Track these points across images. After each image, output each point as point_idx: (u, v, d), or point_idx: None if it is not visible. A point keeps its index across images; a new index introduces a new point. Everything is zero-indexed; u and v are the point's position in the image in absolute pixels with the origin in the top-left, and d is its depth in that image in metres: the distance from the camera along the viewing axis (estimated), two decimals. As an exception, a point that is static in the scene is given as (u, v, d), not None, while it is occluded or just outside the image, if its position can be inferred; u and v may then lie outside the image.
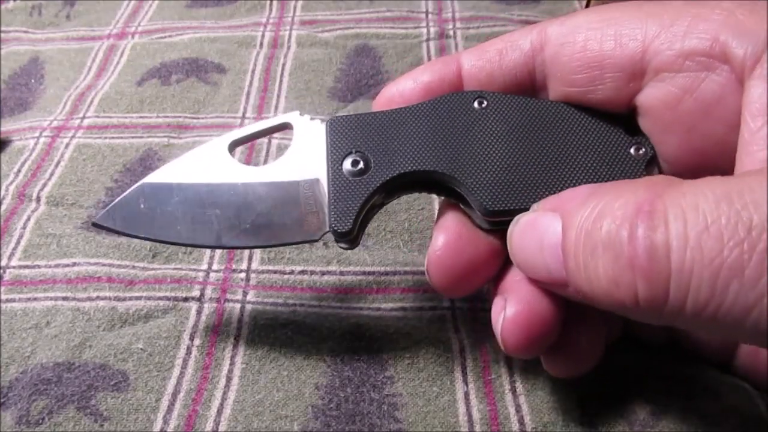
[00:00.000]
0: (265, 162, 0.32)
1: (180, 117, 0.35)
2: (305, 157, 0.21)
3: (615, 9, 0.19)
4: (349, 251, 0.28)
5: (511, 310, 0.19)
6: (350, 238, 0.21)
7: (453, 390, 0.24)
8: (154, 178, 0.22)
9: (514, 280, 0.20)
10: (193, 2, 0.44)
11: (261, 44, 0.40)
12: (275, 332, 0.25)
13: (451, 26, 0.40)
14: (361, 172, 0.20)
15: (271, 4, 0.43)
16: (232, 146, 0.23)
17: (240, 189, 0.22)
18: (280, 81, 0.37)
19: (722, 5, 0.17)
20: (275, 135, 0.33)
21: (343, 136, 0.21)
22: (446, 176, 0.20)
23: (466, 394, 0.24)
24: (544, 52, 0.20)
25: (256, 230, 0.21)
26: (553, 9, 0.41)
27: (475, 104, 0.21)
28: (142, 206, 0.22)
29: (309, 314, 0.26)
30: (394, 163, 0.20)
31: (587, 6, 0.39)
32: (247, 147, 0.33)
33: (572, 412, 0.23)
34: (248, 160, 0.32)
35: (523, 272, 0.19)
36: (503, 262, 0.21)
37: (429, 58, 0.38)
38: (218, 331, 0.26)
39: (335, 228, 0.20)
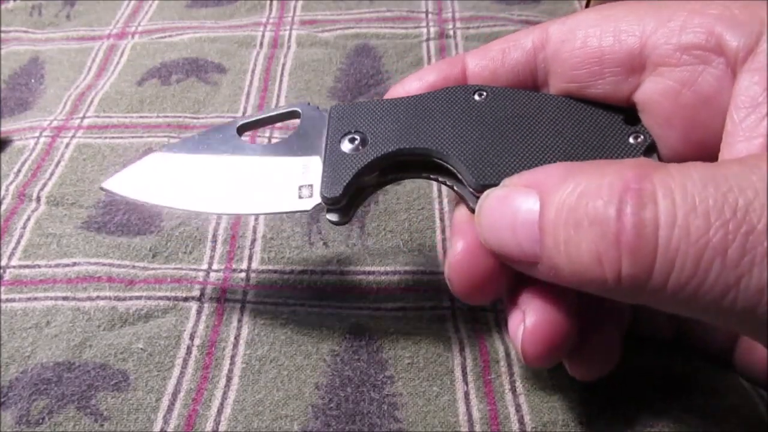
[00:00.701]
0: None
1: (180, 117, 0.35)
2: (307, 139, 0.22)
3: (614, 7, 0.20)
4: (350, 252, 0.28)
5: (530, 320, 0.19)
6: (339, 206, 0.21)
7: (453, 390, 0.24)
8: (163, 150, 0.24)
9: (529, 290, 0.20)
10: (193, 2, 0.44)
11: (261, 44, 0.40)
12: (275, 332, 0.25)
13: (451, 26, 0.40)
14: (357, 149, 0.21)
15: (271, 4, 0.43)
16: (241, 130, 0.24)
17: (241, 161, 0.23)
18: (280, 81, 0.37)
19: (718, 1, 0.18)
20: (275, 135, 0.34)
21: (343, 119, 0.22)
22: (440, 154, 0.20)
23: (466, 394, 0.24)
24: (545, 50, 0.21)
25: (251, 198, 0.22)
26: (553, 9, 0.41)
27: (476, 96, 0.21)
28: (149, 174, 0.23)
29: (309, 314, 0.26)
30: (390, 141, 0.21)
31: (587, 6, 0.39)
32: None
33: (572, 411, 0.23)
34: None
35: (490, 248, 0.19)
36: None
37: (429, 58, 0.38)
38: (218, 330, 0.26)
39: (324, 194, 0.21)
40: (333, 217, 0.22)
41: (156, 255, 0.28)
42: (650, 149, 0.19)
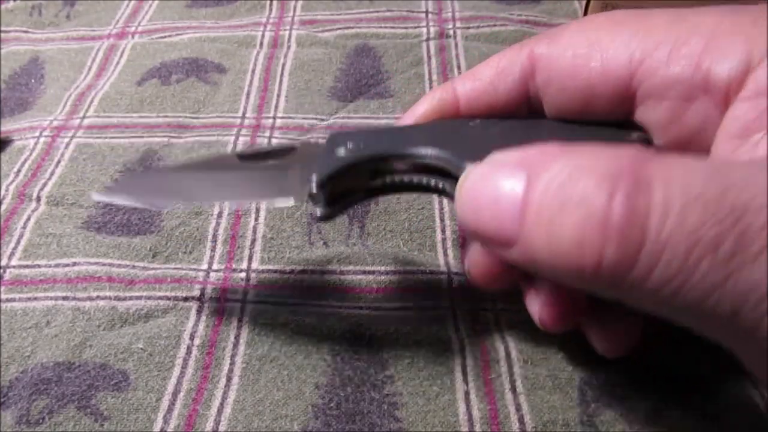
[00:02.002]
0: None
1: (180, 117, 0.35)
2: (303, 158, 0.23)
3: (600, 28, 0.19)
4: (350, 252, 0.28)
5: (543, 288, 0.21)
6: (323, 199, 0.21)
7: (453, 389, 0.24)
8: (161, 165, 0.25)
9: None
10: (193, 2, 0.44)
11: (261, 44, 0.40)
12: (275, 332, 0.25)
13: (451, 26, 0.40)
14: (350, 152, 0.22)
15: (271, 4, 0.43)
16: (241, 157, 0.25)
17: (239, 172, 0.24)
18: (280, 81, 0.37)
19: (705, 23, 0.17)
20: (275, 134, 0.34)
21: (341, 137, 0.22)
22: (429, 155, 0.21)
23: (466, 394, 0.24)
24: (535, 79, 0.20)
25: (242, 192, 0.23)
26: (553, 9, 0.41)
27: (470, 123, 0.22)
28: (146, 182, 0.24)
29: (309, 314, 0.26)
30: (382, 147, 0.21)
31: (587, 6, 0.39)
32: (249, 144, 0.33)
33: (572, 411, 0.23)
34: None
35: (466, 227, 0.18)
36: None
37: (429, 58, 0.38)
38: (218, 330, 0.26)
39: (313, 179, 0.21)
40: (318, 210, 0.22)
41: (156, 255, 0.28)
42: (647, 143, 0.20)
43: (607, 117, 0.20)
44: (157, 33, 0.41)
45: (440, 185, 0.21)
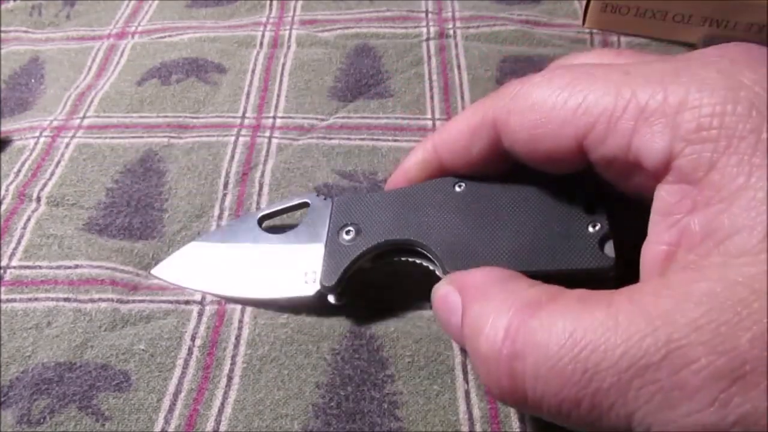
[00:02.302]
0: (267, 151, 0.32)
1: (180, 117, 0.35)
2: (314, 228, 0.26)
3: (547, 100, 0.20)
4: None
5: None
6: (336, 292, 0.25)
7: (453, 388, 0.24)
8: (200, 239, 0.29)
9: None
10: (193, 2, 0.44)
11: (261, 44, 0.40)
12: (276, 331, 0.26)
13: (451, 26, 0.40)
14: (353, 240, 0.25)
15: (271, 4, 0.43)
16: (261, 220, 0.28)
17: (260, 249, 0.27)
18: (280, 81, 0.37)
19: (642, 89, 0.17)
20: (275, 134, 0.34)
21: (343, 211, 0.25)
22: (419, 244, 0.23)
23: (467, 393, 0.24)
24: (503, 142, 0.22)
25: (266, 284, 0.26)
26: (553, 9, 0.41)
27: (456, 188, 0.24)
28: (188, 261, 0.28)
29: (309, 314, 0.26)
30: (380, 232, 0.24)
31: (587, 6, 0.39)
32: (247, 147, 0.33)
33: (572, 410, 0.23)
34: (249, 158, 0.32)
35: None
36: None
37: (429, 58, 0.38)
38: (219, 331, 0.26)
39: (323, 282, 0.24)
40: (332, 300, 0.25)
41: (159, 262, 0.28)
42: (605, 238, 0.21)
43: (579, 170, 0.20)
44: (157, 33, 0.41)
45: (431, 268, 0.24)
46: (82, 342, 0.25)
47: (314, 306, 0.25)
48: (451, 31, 0.40)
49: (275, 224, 0.29)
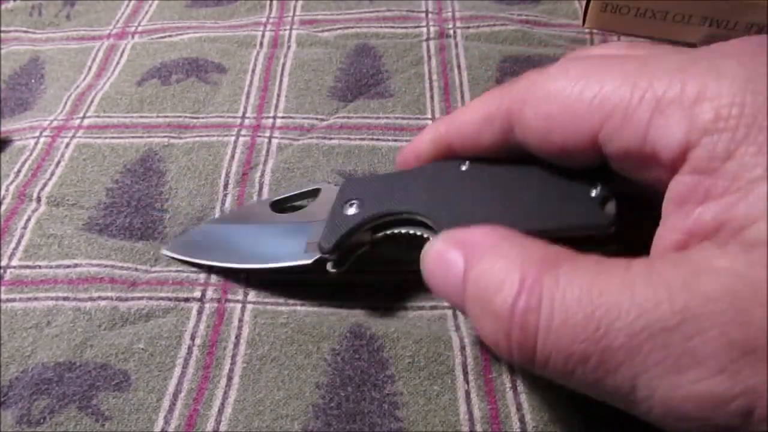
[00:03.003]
0: (267, 151, 0.32)
1: (180, 117, 0.35)
2: (322, 207, 0.27)
3: (562, 92, 0.19)
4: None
5: None
6: (333, 257, 0.25)
7: (454, 388, 0.24)
8: (211, 221, 0.30)
9: None
10: (193, 2, 0.44)
11: (261, 44, 0.40)
12: (276, 332, 0.26)
13: (451, 25, 0.40)
14: (355, 211, 0.25)
15: (271, 4, 0.43)
16: (274, 205, 0.29)
17: (266, 227, 0.28)
18: (281, 80, 0.37)
19: (659, 80, 0.17)
20: (275, 134, 0.34)
21: (349, 190, 0.26)
22: (420, 214, 0.23)
23: (467, 393, 0.24)
24: (515, 132, 0.21)
25: (266, 254, 0.27)
26: (553, 9, 0.41)
27: (461, 167, 0.24)
28: (198, 239, 0.29)
29: (309, 314, 0.26)
30: (380, 205, 0.24)
31: (587, 6, 0.39)
32: (247, 147, 0.33)
33: (573, 410, 0.23)
34: (249, 158, 0.32)
35: (432, 291, 0.21)
36: None
37: (429, 58, 0.38)
38: (219, 330, 0.26)
39: (321, 244, 0.25)
40: (330, 267, 0.25)
41: (158, 259, 0.28)
42: (606, 199, 0.21)
43: (589, 165, 0.20)
44: (157, 33, 0.41)
45: (430, 238, 0.23)
46: (82, 341, 0.25)
47: (314, 270, 0.25)
48: (451, 31, 0.40)
49: (286, 207, 0.29)
